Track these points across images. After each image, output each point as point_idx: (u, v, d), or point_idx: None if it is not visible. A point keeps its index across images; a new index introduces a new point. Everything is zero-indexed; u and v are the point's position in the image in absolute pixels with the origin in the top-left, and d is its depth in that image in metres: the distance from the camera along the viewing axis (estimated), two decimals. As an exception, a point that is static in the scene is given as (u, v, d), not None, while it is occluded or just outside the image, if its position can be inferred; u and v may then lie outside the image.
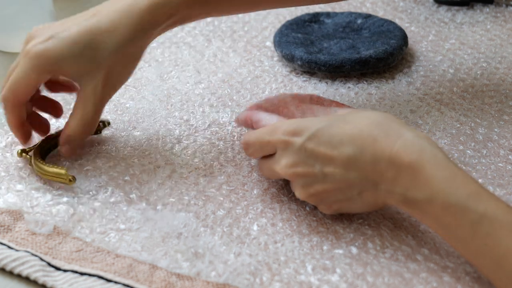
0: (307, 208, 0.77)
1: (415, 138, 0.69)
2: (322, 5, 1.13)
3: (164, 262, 0.72)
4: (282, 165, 0.73)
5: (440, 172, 0.67)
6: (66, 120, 0.84)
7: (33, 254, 0.73)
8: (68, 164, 0.83)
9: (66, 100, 0.92)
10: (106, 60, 0.78)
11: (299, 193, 0.74)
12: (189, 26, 1.07)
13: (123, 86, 0.94)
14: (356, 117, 0.72)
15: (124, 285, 0.70)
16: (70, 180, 0.78)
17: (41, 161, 0.80)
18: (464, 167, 0.83)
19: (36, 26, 0.80)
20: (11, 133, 0.86)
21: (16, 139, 0.85)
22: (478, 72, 0.98)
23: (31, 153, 0.83)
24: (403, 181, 0.68)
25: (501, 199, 0.67)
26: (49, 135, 0.84)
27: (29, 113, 0.82)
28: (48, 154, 0.84)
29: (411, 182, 0.68)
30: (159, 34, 0.81)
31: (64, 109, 0.90)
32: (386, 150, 0.69)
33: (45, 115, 0.86)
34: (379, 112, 0.73)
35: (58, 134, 0.84)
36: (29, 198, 0.78)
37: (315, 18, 1.06)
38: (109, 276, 0.71)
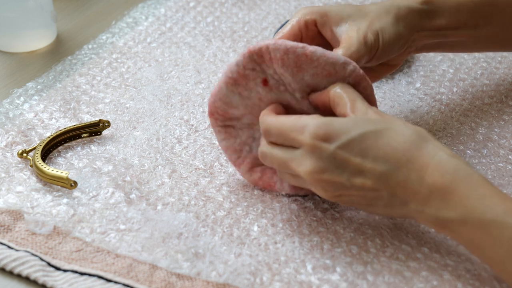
0: (307, 209, 0.77)
1: (449, 157, 0.67)
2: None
3: (164, 262, 0.72)
4: (306, 169, 0.69)
5: (475, 191, 0.65)
6: (74, 122, 0.84)
7: (33, 254, 0.73)
8: (67, 164, 0.83)
9: (66, 100, 0.92)
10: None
11: (321, 194, 0.71)
12: (189, 26, 1.07)
13: (123, 86, 0.95)
14: (391, 132, 0.69)
15: (124, 285, 0.70)
16: (71, 185, 0.78)
17: (42, 164, 0.80)
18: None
19: None
20: (11, 132, 0.86)
21: (17, 139, 0.85)
22: (478, 72, 0.98)
23: (31, 153, 0.83)
24: (435, 202, 0.67)
25: None
26: (50, 136, 0.84)
27: None
28: (48, 155, 0.84)
29: (444, 202, 0.66)
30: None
31: (64, 109, 0.90)
32: (420, 171, 0.67)
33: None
34: (413, 127, 0.70)
35: (58, 135, 0.84)
36: (29, 199, 0.78)
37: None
38: (109, 276, 0.71)
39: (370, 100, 0.75)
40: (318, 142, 0.68)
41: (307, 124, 0.69)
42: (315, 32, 0.81)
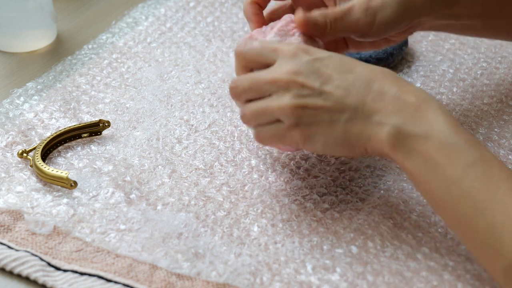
0: (307, 208, 0.77)
1: (425, 90, 0.70)
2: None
3: (164, 262, 0.72)
4: (284, 69, 0.71)
5: (444, 117, 0.68)
6: (74, 122, 0.84)
7: (33, 254, 0.73)
8: (67, 164, 0.83)
9: (66, 100, 0.92)
10: None
11: (287, 100, 0.71)
12: (189, 26, 1.07)
13: (123, 86, 0.95)
14: (369, 64, 0.72)
15: (124, 285, 0.70)
16: (71, 185, 0.78)
17: (42, 164, 0.80)
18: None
19: None
20: (11, 132, 0.86)
21: (17, 139, 0.85)
22: (478, 72, 0.98)
23: (31, 153, 0.83)
24: (404, 115, 0.68)
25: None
26: (50, 136, 0.84)
27: None
28: (48, 155, 0.84)
29: (412, 118, 0.68)
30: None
31: (64, 109, 0.90)
32: (394, 87, 0.69)
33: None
34: None
35: (58, 135, 0.84)
36: (29, 199, 0.78)
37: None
38: (109, 276, 0.71)
39: None
40: (299, 51, 0.71)
41: (292, 43, 0.73)
42: None
